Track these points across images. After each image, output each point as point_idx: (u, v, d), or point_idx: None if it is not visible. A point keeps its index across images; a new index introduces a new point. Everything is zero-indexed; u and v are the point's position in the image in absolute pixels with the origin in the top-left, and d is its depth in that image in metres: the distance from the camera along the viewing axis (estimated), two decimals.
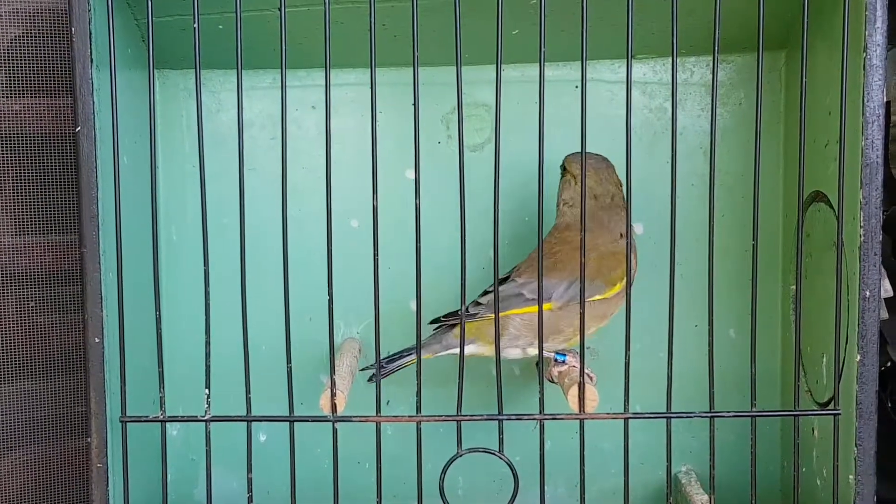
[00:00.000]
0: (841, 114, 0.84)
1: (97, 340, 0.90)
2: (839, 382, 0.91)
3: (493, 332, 0.86)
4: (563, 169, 1.04)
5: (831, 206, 0.97)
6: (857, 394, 0.90)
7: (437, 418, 0.88)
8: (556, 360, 1.00)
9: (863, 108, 0.88)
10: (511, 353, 1.01)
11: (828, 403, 0.99)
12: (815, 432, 1.02)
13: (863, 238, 0.89)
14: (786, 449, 1.15)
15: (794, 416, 0.89)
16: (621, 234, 1.00)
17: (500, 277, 0.87)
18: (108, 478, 0.92)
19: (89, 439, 0.91)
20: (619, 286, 0.98)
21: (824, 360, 1.00)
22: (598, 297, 0.97)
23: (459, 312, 0.86)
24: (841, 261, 0.86)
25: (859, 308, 0.89)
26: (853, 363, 0.90)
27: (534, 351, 1.00)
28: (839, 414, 0.88)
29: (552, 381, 1.00)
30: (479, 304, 1.01)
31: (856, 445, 0.90)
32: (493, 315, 0.86)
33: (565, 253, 1.00)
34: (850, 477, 0.91)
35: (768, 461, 1.16)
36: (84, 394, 0.91)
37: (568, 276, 0.98)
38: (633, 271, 0.92)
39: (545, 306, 0.94)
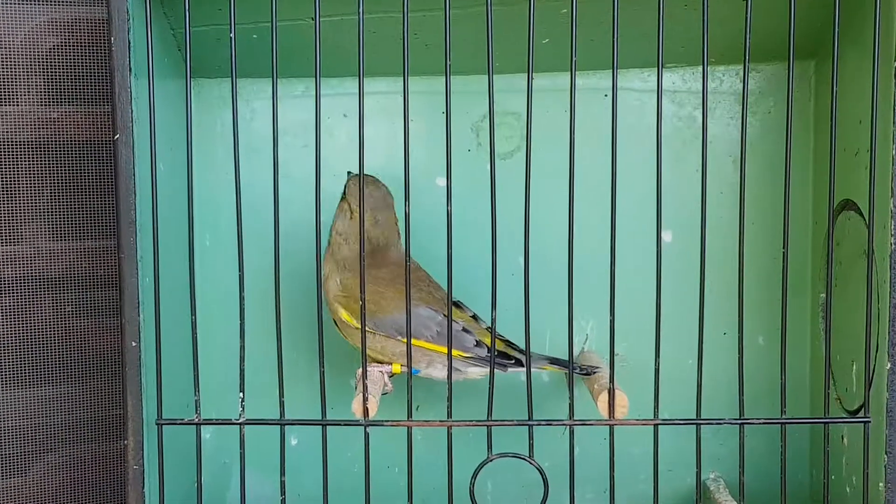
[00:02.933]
0: (871, 122, 0.84)
1: (134, 344, 0.91)
2: (869, 390, 0.91)
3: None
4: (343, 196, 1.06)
5: (861, 215, 0.97)
6: (888, 401, 0.90)
7: (467, 423, 0.89)
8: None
9: (893, 116, 0.88)
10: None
11: (857, 411, 0.98)
12: (844, 440, 1.02)
13: (893, 246, 0.89)
14: (814, 456, 1.15)
15: (825, 423, 0.89)
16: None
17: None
18: (143, 480, 0.93)
19: (125, 442, 0.92)
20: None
21: (854, 367, 1.00)
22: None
23: (491, 319, 0.87)
24: (872, 269, 0.86)
25: (890, 316, 0.89)
26: (883, 371, 0.90)
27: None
28: (869, 421, 0.88)
29: None
30: None
31: (886, 453, 0.90)
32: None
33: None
34: (881, 485, 0.91)
35: (797, 469, 1.15)
36: (121, 397, 0.92)
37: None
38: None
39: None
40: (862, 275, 0.89)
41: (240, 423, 0.89)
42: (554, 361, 1.05)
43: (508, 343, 1.05)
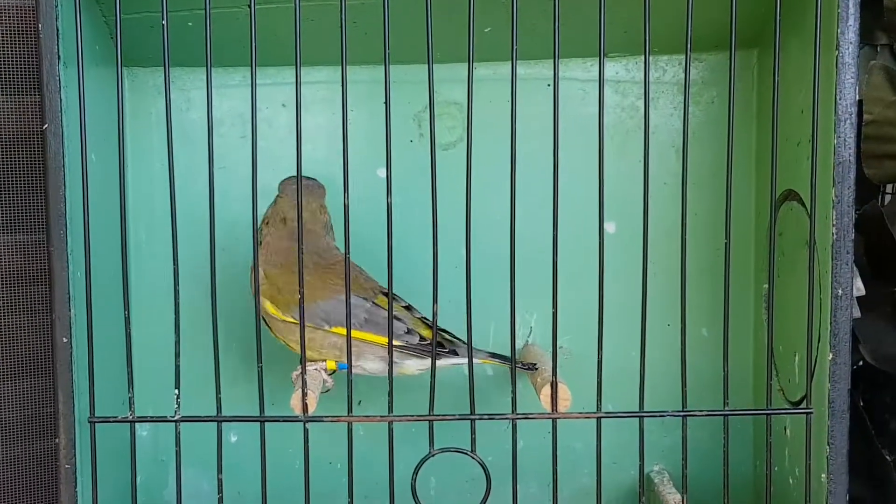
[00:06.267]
0: (813, 112, 0.84)
1: (65, 340, 0.89)
2: (812, 381, 0.91)
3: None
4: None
5: (804, 205, 0.97)
6: (830, 392, 0.90)
7: (409, 418, 0.87)
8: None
9: (835, 106, 0.88)
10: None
11: (800, 402, 0.99)
12: (787, 431, 1.02)
13: (835, 237, 0.89)
14: (758, 448, 1.15)
15: (767, 415, 0.89)
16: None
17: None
18: (76, 479, 0.91)
19: (57, 440, 0.90)
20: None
21: (796, 358, 1.00)
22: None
23: (433, 313, 0.86)
24: (813, 259, 0.86)
25: (832, 306, 0.90)
26: (825, 362, 0.90)
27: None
28: (812, 413, 0.88)
29: None
30: None
31: (828, 444, 0.90)
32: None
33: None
34: (823, 476, 0.91)
35: (740, 460, 1.16)
36: (52, 394, 0.90)
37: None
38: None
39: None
40: (804, 265, 0.89)
41: (175, 420, 0.87)
42: (494, 356, 1.04)
43: (446, 333, 1.03)
